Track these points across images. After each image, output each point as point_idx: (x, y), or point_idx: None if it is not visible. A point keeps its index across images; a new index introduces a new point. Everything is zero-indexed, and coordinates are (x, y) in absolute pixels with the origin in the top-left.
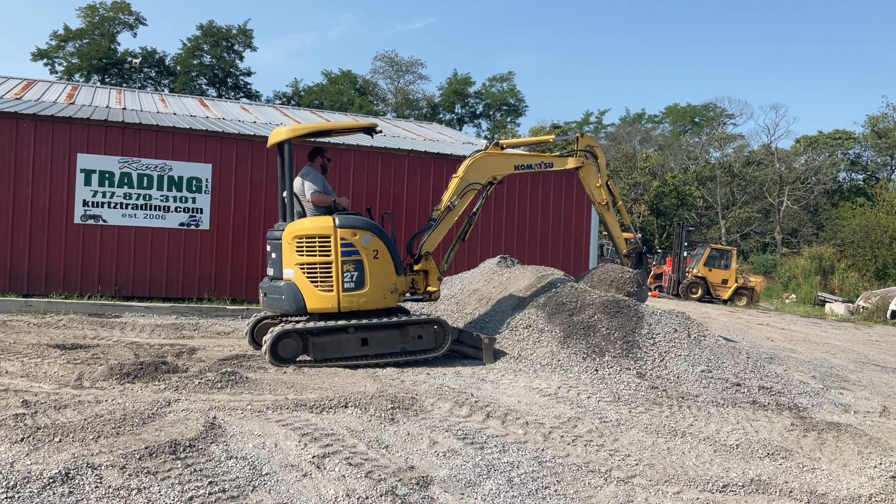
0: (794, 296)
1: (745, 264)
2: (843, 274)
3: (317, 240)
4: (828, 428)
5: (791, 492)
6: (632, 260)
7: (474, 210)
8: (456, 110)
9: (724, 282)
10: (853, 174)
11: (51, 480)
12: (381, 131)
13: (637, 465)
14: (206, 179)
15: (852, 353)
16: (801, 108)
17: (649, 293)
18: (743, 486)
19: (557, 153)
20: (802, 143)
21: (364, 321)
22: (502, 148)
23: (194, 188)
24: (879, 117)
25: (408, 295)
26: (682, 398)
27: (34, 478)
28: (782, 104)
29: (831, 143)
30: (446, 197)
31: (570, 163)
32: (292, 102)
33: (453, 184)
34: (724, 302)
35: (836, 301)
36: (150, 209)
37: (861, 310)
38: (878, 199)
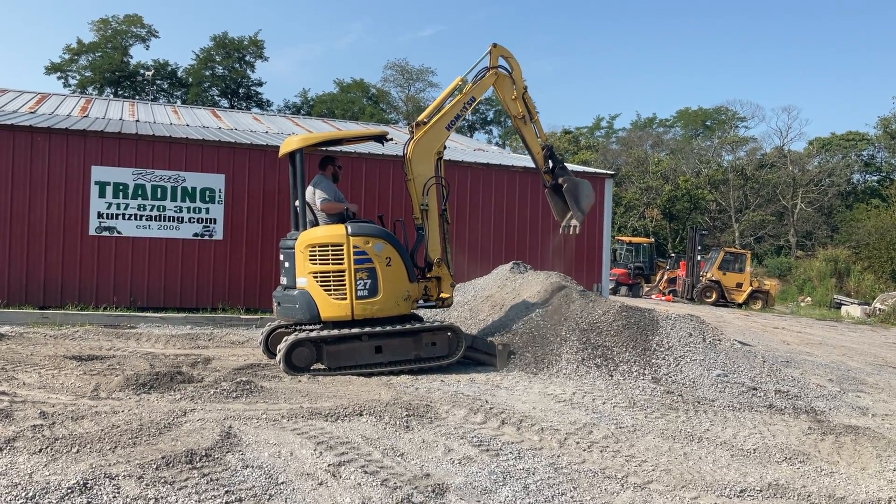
0: (809, 299)
1: (760, 267)
2: (858, 276)
3: (329, 248)
4: (845, 431)
5: (809, 496)
6: (552, 176)
7: (443, 206)
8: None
9: (739, 285)
10: (867, 175)
11: (69, 491)
12: (391, 139)
13: (653, 470)
14: (220, 190)
15: (869, 355)
16: (813, 110)
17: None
18: (760, 491)
19: (470, 84)
20: (815, 145)
21: (378, 329)
22: (424, 123)
23: (207, 199)
24: (891, 118)
25: (421, 302)
26: (698, 403)
27: (53, 488)
28: (794, 106)
29: (844, 145)
30: (416, 203)
31: (488, 81)
32: (302, 111)
33: (412, 187)
34: (739, 306)
35: (852, 303)
36: (164, 220)
37: (878, 312)
38: (893, 201)
